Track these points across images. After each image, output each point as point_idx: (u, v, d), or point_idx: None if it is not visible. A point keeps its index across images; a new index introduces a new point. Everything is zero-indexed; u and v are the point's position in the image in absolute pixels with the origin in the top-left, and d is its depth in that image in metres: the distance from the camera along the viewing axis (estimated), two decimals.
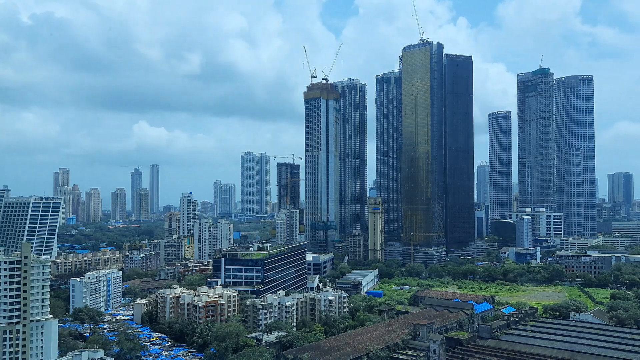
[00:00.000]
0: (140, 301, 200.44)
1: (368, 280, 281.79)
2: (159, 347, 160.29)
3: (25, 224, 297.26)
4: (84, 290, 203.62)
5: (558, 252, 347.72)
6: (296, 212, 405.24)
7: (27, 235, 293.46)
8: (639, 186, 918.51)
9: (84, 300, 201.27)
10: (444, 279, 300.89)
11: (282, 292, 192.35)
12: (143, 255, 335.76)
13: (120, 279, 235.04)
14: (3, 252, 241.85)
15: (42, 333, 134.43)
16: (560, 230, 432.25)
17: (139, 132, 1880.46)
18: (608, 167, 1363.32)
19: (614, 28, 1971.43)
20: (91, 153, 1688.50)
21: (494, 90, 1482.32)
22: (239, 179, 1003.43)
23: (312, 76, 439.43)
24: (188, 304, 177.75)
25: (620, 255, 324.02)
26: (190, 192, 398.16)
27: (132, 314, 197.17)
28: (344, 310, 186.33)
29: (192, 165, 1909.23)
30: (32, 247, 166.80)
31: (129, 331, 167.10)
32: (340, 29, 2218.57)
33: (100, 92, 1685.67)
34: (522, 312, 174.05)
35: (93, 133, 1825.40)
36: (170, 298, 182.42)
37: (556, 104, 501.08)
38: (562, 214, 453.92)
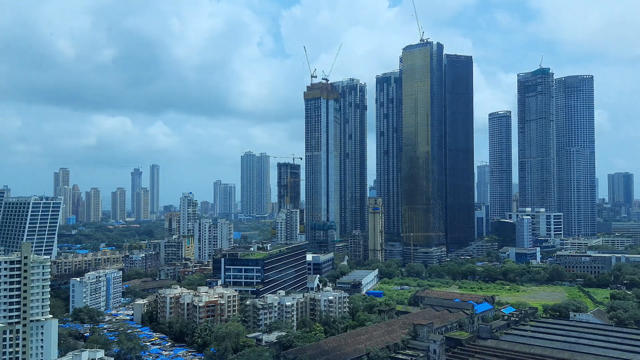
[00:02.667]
0: (140, 301, 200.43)
1: (368, 280, 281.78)
2: (159, 347, 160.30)
3: (25, 224, 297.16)
4: (84, 290, 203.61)
5: (558, 252, 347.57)
6: (296, 212, 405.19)
7: (27, 235, 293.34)
8: (639, 186, 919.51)
9: (84, 300, 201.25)
10: (444, 279, 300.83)
11: (282, 292, 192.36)
12: (143, 255, 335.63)
13: (120, 279, 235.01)
14: (3, 252, 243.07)
15: (42, 333, 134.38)
16: (560, 230, 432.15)
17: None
18: (608, 167, 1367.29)
19: None
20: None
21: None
22: (239, 179, 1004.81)
23: (312, 76, 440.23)
24: (188, 304, 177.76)
25: (620, 255, 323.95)
26: (190, 192, 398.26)
27: (132, 314, 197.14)
28: (344, 310, 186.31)
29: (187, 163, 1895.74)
30: (32, 247, 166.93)
31: (129, 331, 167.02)
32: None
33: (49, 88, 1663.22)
34: (522, 312, 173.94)
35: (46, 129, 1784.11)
36: (170, 298, 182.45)
37: (556, 104, 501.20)
38: (562, 214, 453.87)
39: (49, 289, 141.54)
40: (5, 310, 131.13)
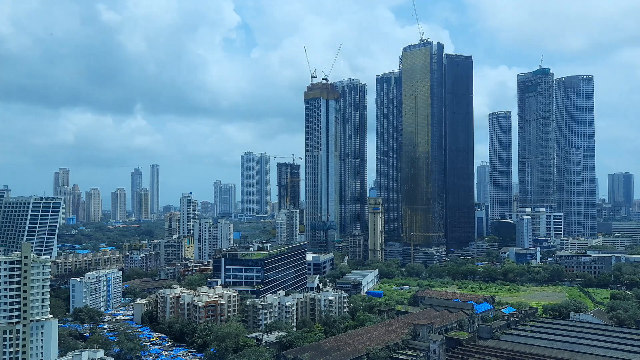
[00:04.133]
0: (140, 301, 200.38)
1: (368, 280, 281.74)
2: (159, 347, 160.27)
3: (25, 224, 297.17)
4: (84, 290, 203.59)
5: (558, 252, 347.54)
6: (296, 212, 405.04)
7: (27, 235, 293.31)
8: (639, 186, 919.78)
9: (84, 300, 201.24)
10: (444, 279, 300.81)
11: (282, 292, 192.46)
12: (143, 255, 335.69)
13: (120, 279, 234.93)
14: (3, 252, 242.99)
15: (42, 333, 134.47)
16: (560, 230, 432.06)
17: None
18: (608, 167, 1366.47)
19: None
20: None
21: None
22: (239, 179, 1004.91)
23: (312, 76, 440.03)
24: (188, 304, 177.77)
25: (620, 255, 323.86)
26: (190, 192, 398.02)
27: (132, 314, 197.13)
28: (344, 310, 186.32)
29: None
30: (32, 247, 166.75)
31: (129, 331, 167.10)
32: None
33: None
34: (522, 312, 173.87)
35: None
36: (170, 298, 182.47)
37: (556, 104, 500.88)
38: (562, 214, 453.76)
39: (49, 289, 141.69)
40: (5, 310, 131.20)
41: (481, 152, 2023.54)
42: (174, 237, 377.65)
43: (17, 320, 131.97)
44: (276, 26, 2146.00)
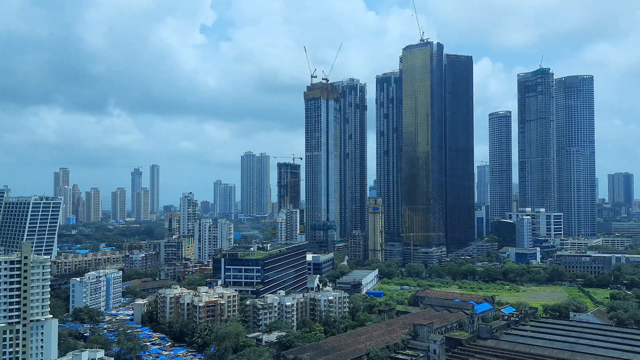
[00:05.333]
0: (140, 301, 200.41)
1: (368, 280, 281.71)
2: (159, 347, 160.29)
3: (25, 224, 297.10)
4: (84, 290, 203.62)
5: (558, 252, 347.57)
6: (296, 212, 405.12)
7: (27, 235, 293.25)
8: (639, 186, 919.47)
9: (84, 300, 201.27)
10: (444, 279, 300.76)
11: (282, 292, 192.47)
12: (143, 255, 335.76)
13: (120, 279, 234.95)
14: (3, 252, 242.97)
15: (42, 333, 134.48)
16: (560, 230, 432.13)
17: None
18: (608, 167, 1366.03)
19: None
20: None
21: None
22: (239, 179, 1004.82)
23: (312, 76, 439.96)
24: (188, 304, 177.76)
25: (620, 255, 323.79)
26: (190, 192, 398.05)
27: (132, 314, 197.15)
28: (344, 310, 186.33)
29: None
30: (32, 247, 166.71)
31: (129, 331, 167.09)
32: None
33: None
34: (522, 312, 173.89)
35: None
36: (170, 298, 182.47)
37: (556, 104, 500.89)
38: (562, 214, 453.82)
39: (49, 289, 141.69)
40: (5, 310, 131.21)
41: (481, 152, 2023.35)
42: (174, 237, 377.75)
43: (17, 320, 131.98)
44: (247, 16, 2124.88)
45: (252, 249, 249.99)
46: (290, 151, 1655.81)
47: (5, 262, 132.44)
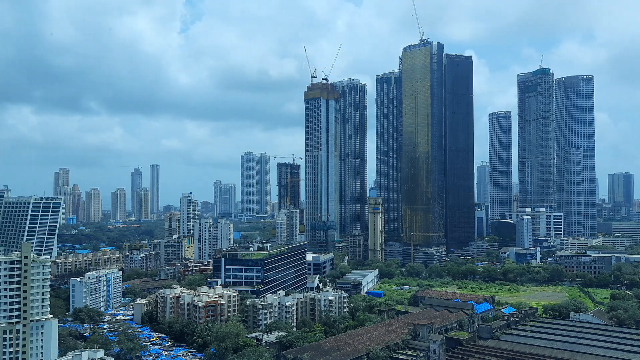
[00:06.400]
0: (140, 301, 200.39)
1: (368, 280, 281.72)
2: (159, 347, 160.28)
3: (25, 224, 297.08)
4: (84, 290, 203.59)
5: (558, 252, 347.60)
6: (296, 212, 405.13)
7: (27, 235, 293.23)
8: (639, 186, 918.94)
9: (84, 300, 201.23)
10: (444, 279, 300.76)
11: (282, 292, 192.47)
12: (143, 255, 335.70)
13: (120, 279, 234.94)
14: (3, 252, 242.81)
15: (42, 333, 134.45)
16: (560, 231, 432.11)
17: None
18: (608, 167, 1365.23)
19: None
20: None
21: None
22: (239, 179, 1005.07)
23: (312, 76, 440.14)
24: (188, 304, 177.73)
25: (620, 255, 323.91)
26: (190, 192, 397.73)
27: (132, 314, 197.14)
28: (344, 310, 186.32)
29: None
30: (32, 247, 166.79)
31: (129, 331, 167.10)
32: None
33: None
34: (522, 312, 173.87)
35: None
36: (170, 298, 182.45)
37: (556, 104, 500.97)
38: (562, 214, 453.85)
39: (49, 289, 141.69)
40: (5, 310, 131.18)
41: (481, 152, 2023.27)
42: (174, 237, 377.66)
43: (17, 320, 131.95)
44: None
45: (252, 249, 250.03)
46: (276, 150, 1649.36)
47: (5, 262, 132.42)
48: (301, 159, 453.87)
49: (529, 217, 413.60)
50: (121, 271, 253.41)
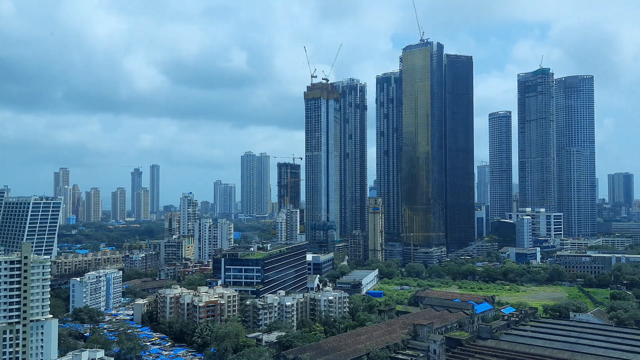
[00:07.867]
0: (140, 301, 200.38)
1: (368, 280, 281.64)
2: (159, 347, 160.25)
3: (25, 224, 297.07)
4: (84, 290, 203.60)
5: (558, 253, 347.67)
6: (296, 212, 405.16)
7: (27, 235, 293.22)
8: (639, 186, 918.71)
9: (84, 300, 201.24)
10: (444, 279, 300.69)
11: (282, 292, 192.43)
12: (143, 255, 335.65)
13: (120, 279, 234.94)
14: (3, 252, 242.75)
15: (42, 333, 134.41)
16: (561, 231, 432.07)
17: None
18: (608, 167, 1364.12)
19: None
20: None
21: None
22: (239, 179, 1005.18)
23: (312, 76, 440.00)
24: (188, 304, 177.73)
25: (620, 255, 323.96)
26: (190, 192, 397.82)
27: (132, 314, 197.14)
28: (344, 310, 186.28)
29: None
30: (32, 247, 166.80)
31: (129, 331, 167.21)
32: None
33: None
34: (522, 312, 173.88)
35: None
36: (170, 298, 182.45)
37: (556, 104, 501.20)
38: (562, 214, 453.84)
39: (49, 289, 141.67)
40: (5, 310, 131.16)
41: (481, 152, 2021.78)
42: (174, 237, 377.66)
43: (17, 320, 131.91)
44: None
45: (252, 249, 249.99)
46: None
47: (5, 262, 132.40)
48: (301, 159, 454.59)
49: (529, 217, 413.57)
50: (121, 271, 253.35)
